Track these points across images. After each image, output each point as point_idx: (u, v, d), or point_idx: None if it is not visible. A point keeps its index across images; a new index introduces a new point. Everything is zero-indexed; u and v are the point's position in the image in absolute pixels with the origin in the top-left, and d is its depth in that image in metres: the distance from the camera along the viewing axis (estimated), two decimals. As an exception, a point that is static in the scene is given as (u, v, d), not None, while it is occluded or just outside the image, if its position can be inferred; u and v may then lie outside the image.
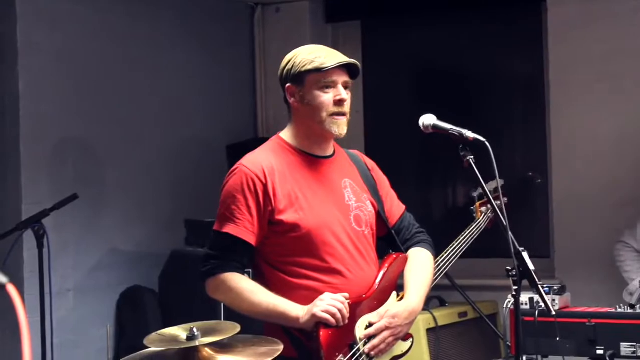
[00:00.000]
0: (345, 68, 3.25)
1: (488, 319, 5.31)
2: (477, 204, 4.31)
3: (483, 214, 4.27)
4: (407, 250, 3.43)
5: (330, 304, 3.07)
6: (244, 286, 3.16)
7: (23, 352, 1.42)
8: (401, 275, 3.38)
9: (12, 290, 1.42)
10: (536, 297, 4.11)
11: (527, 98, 6.62)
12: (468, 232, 4.05)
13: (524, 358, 3.86)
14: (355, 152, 3.54)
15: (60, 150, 5.58)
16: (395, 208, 3.50)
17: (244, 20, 6.91)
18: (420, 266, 3.39)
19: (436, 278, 3.54)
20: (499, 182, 3.04)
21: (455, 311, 5.43)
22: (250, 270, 3.35)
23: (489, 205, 4.24)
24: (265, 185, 3.16)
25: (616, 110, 5.91)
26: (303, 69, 3.22)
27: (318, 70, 3.20)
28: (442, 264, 3.64)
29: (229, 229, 3.17)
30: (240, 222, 3.16)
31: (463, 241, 3.93)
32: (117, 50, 5.94)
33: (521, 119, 6.73)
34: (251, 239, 3.18)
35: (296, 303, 3.14)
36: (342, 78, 3.24)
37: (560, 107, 6.08)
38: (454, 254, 3.77)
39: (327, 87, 3.21)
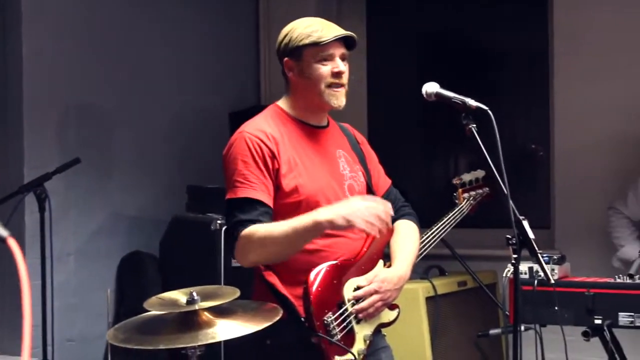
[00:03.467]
0: (342, 40, 3.28)
1: (487, 289, 5.31)
2: (460, 190, 4.36)
3: (465, 200, 4.33)
4: (392, 222, 3.44)
5: (369, 214, 3.03)
6: (262, 231, 3.05)
7: (23, 306, 1.40)
8: (387, 245, 3.42)
9: (12, 243, 1.39)
10: (535, 267, 4.12)
11: (531, 69, 6.59)
12: (450, 216, 4.13)
13: (522, 327, 3.86)
14: (346, 125, 3.58)
15: (64, 115, 5.57)
16: (382, 181, 3.55)
17: (248, -13, 6.89)
18: (407, 237, 3.44)
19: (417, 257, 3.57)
20: (500, 152, 3.01)
21: (454, 280, 5.44)
22: None
23: (471, 192, 4.31)
24: (270, 149, 3.17)
25: (621, 82, 5.84)
26: (300, 43, 3.25)
27: (315, 44, 3.23)
28: (421, 246, 3.68)
29: (245, 193, 3.12)
30: (255, 185, 3.12)
31: (444, 225, 4.01)
32: (121, 16, 5.92)
33: (525, 90, 6.71)
34: (269, 200, 3.14)
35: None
36: (339, 50, 3.27)
37: (564, 79, 6.04)
38: (433, 237, 3.84)
39: (325, 59, 3.24)
